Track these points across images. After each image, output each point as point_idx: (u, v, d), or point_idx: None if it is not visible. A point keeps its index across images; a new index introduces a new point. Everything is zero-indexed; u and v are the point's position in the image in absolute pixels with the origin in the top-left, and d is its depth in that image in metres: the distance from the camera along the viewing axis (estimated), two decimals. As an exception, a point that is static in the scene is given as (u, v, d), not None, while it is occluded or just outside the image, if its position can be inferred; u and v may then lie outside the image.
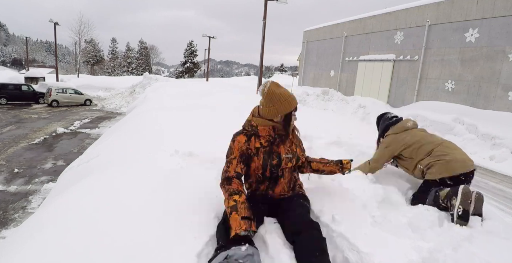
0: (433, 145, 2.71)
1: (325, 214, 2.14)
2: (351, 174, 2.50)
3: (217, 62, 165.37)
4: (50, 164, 8.92)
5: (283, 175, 2.13)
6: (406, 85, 15.27)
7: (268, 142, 2.07)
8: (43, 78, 32.48)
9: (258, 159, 2.05)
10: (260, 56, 18.03)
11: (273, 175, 2.10)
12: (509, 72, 10.90)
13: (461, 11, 12.40)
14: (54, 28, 32.22)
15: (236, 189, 1.92)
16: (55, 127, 14.06)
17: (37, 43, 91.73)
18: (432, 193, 2.38)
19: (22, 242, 1.73)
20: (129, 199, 2.15)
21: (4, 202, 6.34)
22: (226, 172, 2.02)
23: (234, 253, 1.60)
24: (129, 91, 26.21)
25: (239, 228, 1.69)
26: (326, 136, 3.67)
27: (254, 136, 2.06)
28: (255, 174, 2.12)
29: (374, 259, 1.69)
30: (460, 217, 2.13)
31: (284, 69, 72.23)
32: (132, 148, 3.79)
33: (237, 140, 2.05)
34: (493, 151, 8.60)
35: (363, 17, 18.30)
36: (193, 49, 52.80)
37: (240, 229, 1.69)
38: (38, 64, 64.79)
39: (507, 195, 6.15)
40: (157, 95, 11.94)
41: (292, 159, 2.13)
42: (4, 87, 21.75)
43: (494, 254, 1.84)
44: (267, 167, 2.06)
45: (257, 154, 2.05)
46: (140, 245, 1.68)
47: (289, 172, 2.16)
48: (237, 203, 1.82)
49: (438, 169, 2.54)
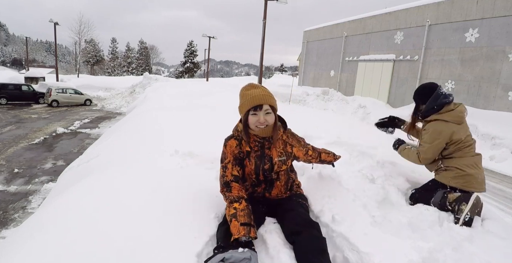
0: (474, 152, 2.47)
1: (325, 214, 2.14)
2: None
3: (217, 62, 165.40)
4: (50, 164, 8.92)
5: (279, 178, 2.10)
6: (406, 85, 15.26)
7: (258, 147, 2.02)
8: (43, 78, 32.49)
9: (250, 164, 2.02)
10: (260, 56, 18.03)
11: (268, 179, 2.08)
12: (509, 72, 10.90)
13: (461, 11, 12.40)
14: (54, 28, 32.23)
15: (236, 196, 1.90)
16: (55, 127, 14.06)
17: (37, 43, 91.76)
18: (440, 194, 2.36)
19: (22, 242, 1.73)
20: (129, 199, 2.15)
21: (4, 202, 6.34)
22: (223, 177, 1.99)
23: (231, 255, 1.60)
24: (129, 91, 26.22)
25: (237, 233, 1.70)
26: (326, 136, 3.67)
27: (243, 140, 2.02)
28: (250, 178, 2.10)
29: (374, 259, 1.69)
30: (465, 223, 2.16)
31: (284, 69, 72.25)
32: (132, 148, 3.78)
33: (228, 145, 2.02)
34: (493, 151, 8.60)
35: (363, 17, 18.29)
36: (193, 49, 52.81)
37: (239, 235, 1.69)
38: (38, 64, 64.82)
39: (507, 195, 6.15)
40: (157, 95, 11.95)
41: (287, 161, 2.10)
42: (4, 87, 21.76)
43: (494, 254, 1.84)
44: (260, 171, 2.03)
45: (249, 158, 2.02)
46: (140, 245, 1.68)
47: (285, 174, 2.13)
48: (236, 211, 1.81)
49: (456, 178, 2.39)
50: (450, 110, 2.42)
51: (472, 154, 2.44)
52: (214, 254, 1.66)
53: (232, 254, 1.61)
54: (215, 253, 1.66)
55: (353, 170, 2.83)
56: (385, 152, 3.34)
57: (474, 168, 2.38)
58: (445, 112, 2.42)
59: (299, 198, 2.14)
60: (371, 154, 3.26)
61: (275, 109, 1.95)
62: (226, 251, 1.63)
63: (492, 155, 8.38)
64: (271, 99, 1.92)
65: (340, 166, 2.88)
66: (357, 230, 1.93)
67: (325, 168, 2.73)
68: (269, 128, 1.95)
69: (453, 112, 2.41)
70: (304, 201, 2.16)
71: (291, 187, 2.20)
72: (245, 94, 1.93)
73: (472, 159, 2.41)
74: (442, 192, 2.38)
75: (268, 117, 1.91)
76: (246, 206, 1.86)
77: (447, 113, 2.42)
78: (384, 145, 3.44)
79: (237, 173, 2.00)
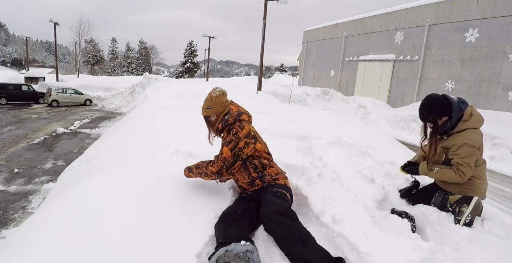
0: (483, 160, 2.34)
1: (325, 214, 2.14)
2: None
3: (217, 62, 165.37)
4: (50, 164, 8.92)
5: (237, 169, 2.29)
6: (406, 85, 15.26)
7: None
8: (43, 78, 32.47)
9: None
10: (260, 56, 18.01)
11: (230, 172, 2.27)
12: (509, 72, 10.90)
13: (461, 11, 12.40)
14: (54, 28, 32.23)
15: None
16: (55, 127, 14.05)
17: (37, 43, 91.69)
18: (441, 195, 2.35)
19: (22, 242, 1.73)
20: (129, 199, 2.15)
21: (4, 202, 6.33)
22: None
23: (233, 248, 1.64)
24: (129, 91, 26.20)
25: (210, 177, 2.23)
26: (326, 136, 3.66)
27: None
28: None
29: (374, 259, 1.69)
30: (465, 224, 2.16)
31: (284, 69, 72.21)
32: (132, 148, 3.78)
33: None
34: (493, 151, 8.60)
35: (363, 17, 18.29)
36: (193, 49, 52.78)
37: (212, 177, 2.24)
38: (38, 64, 64.76)
39: (507, 195, 6.15)
40: (157, 95, 11.93)
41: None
42: (4, 87, 21.74)
43: (494, 254, 1.84)
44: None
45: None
46: (140, 245, 1.68)
47: (240, 166, 2.28)
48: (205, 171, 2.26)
49: (460, 187, 2.28)
50: (469, 115, 2.24)
51: (481, 162, 2.31)
52: (217, 250, 1.69)
53: (235, 246, 1.64)
54: (217, 249, 1.69)
55: (353, 170, 2.83)
56: (385, 152, 3.34)
57: (481, 179, 2.28)
58: (468, 118, 2.23)
59: (274, 188, 2.19)
60: (371, 154, 3.25)
61: (209, 116, 2.38)
62: (228, 244, 1.67)
63: (492, 155, 8.38)
64: (204, 110, 2.38)
65: (340, 166, 2.88)
66: (357, 230, 1.92)
67: (325, 168, 2.73)
68: (213, 129, 2.40)
69: (476, 117, 2.24)
70: (280, 189, 2.17)
71: (260, 176, 2.25)
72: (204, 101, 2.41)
73: (480, 169, 2.29)
74: (443, 193, 2.37)
75: (209, 124, 2.42)
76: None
77: (470, 119, 2.22)
78: (384, 145, 3.43)
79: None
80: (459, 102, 2.23)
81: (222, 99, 2.36)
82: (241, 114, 2.33)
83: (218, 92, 2.38)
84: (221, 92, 2.39)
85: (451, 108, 2.21)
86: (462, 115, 2.22)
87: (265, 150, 2.36)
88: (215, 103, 2.34)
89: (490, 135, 8.93)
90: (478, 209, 2.25)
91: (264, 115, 5.45)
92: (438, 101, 2.27)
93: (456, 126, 2.24)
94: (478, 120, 2.24)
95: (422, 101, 2.34)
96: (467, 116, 2.23)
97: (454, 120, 2.22)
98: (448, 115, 2.23)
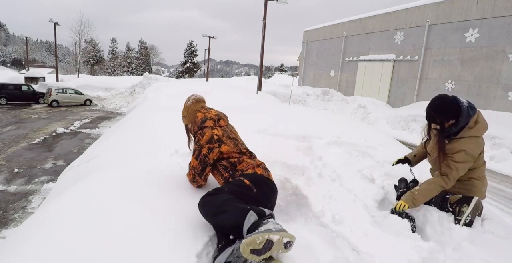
0: (483, 161, 2.32)
1: (325, 214, 2.14)
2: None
3: (217, 62, 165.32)
4: (50, 164, 8.92)
5: (211, 173, 2.38)
6: (406, 85, 15.26)
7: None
8: (43, 78, 32.47)
9: None
10: (260, 56, 18.01)
11: (204, 178, 2.36)
12: (509, 72, 10.90)
13: (461, 11, 12.40)
14: (54, 28, 32.23)
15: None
16: (55, 127, 14.05)
17: (37, 43, 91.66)
18: (441, 195, 2.35)
19: (22, 242, 1.73)
20: (129, 199, 2.15)
21: (4, 202, 6.33)
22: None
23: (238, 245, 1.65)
24: (129, 91, 26.19)
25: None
26: (326, 136, 3.66)
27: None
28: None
29: (374, 259, 1.69)
30: (466, 224, 2.15)
31: (284, 69, 72.20)
32: (132, 148, 3.78)
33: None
34: (493, 151, 8.60)
35: (363, 17, 18.29)
36: (193, 49, 52.79)
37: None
38: (38, 64, 64.76)
39: (507, 195, 6.15)
40: (157, 95, 11.93)
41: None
42: (4, 87, 21.74)
43: (494, 254, 1.84)
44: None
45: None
46: (140, 245, 1.68)
47: (212, 170, 2.33)
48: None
49: (461, 188, 2.29)
50: (475, 121, 2.18)
51: (481, 164, 2.29)
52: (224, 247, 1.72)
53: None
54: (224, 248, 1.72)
55: (353, 170, 2.83)
56: (385, 152, 3.34)
57: (481, 180, 2.28)
58: (473, 125, 2.17)
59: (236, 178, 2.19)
60: (371, 154, 3.25)
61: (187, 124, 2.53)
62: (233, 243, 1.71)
63: (492, 155, 8.38)
64: (182, 119, 2.53)
65: (340, 166, 2.88)
66: (357, 230, 1.93)
67: (325, 168, 2.73)
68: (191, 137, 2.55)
69: (481, 124, 2.18)
70: (240, 177, 2.12)
71: (232, 173, 2.22)
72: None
73: (480, 170, 2.28)
74: (443, 193, 2.37)
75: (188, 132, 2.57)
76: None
77: (475, 127, 2.17)
78: (384, 145, 3.43)
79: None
80: (468, 107, 2.15)
81: (194, 108, 2.45)
82: (205, 120, 2.33)
83: (192, 100, 2.47)
84: (194, 100, 2.47)
85: (460, 112, 2.13)
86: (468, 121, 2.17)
87: (234, 150, 2.28)
88: (187, 112, 2.46)
89: (490, 135, 8.93)
90: (478, 209, 2.25)
91: (264, 115, 5.44)
92: (449, 103, 2.17)
93: (460, 132, 2.19)
94: (482, 127, 2.18)
95: (431, 101, 2.25)
96: (473, 122, 2.17)
97: (460, 126, 2.16)
98: (455, 119, 2.16)
